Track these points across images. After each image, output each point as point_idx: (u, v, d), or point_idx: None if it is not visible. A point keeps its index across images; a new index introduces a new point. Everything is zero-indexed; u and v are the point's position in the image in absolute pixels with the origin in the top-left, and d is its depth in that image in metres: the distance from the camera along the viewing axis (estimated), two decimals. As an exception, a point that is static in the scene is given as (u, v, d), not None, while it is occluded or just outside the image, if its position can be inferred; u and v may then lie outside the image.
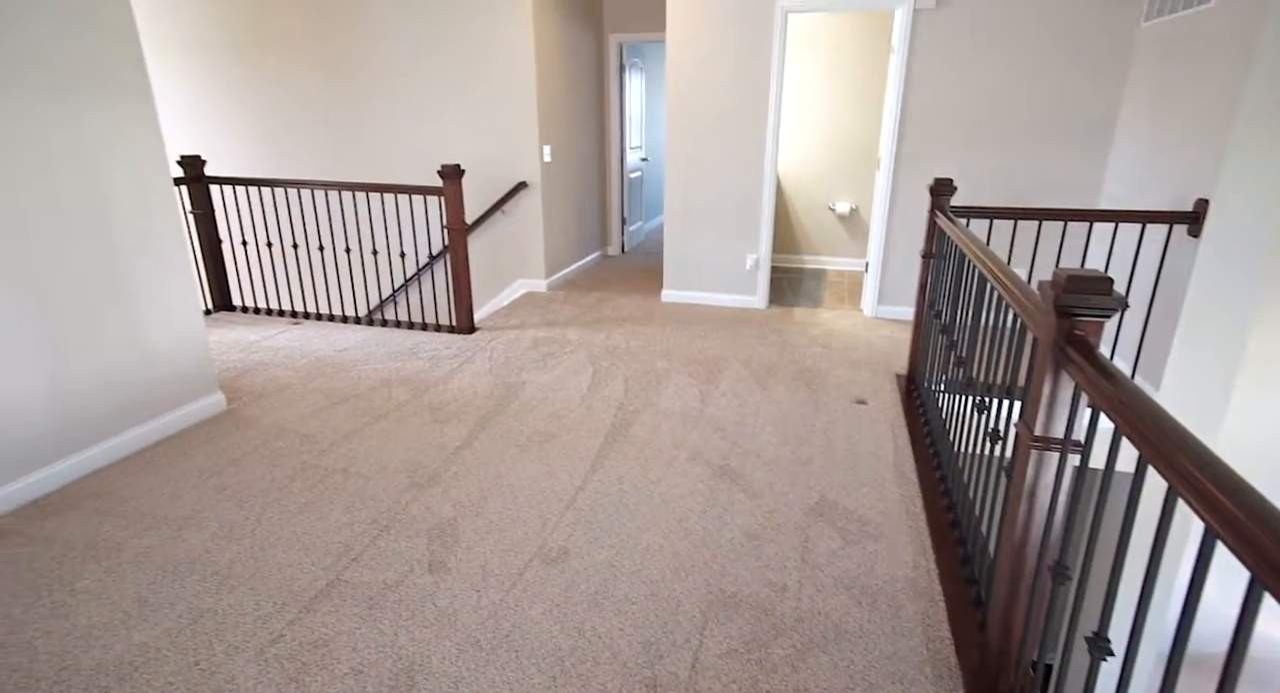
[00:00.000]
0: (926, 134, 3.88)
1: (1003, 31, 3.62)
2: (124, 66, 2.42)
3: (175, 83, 5.09)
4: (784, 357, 3.62)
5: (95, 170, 2.36)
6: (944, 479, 2.32)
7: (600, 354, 3.64)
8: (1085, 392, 1.16)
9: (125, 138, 2.45)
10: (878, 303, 4.28)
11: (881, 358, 3.61)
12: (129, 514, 2.17)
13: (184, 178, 3.94)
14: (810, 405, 3.02)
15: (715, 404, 3.02)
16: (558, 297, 4.80)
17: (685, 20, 4.04)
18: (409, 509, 2.20)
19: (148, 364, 2.62)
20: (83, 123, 2.30)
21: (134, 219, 2.51)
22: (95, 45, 2.32)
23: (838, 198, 5.51)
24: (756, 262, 4.40)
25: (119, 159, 2.44)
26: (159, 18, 4.95)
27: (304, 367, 3.42)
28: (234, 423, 2.82)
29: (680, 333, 4.00)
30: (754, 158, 4.18)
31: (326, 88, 4.87)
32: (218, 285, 4.24)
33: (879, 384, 3.26)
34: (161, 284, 2.64)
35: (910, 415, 2.90)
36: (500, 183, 4.68)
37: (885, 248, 4.16)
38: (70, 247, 2.30)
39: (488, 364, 3.49)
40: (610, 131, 5.84)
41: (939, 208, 2.90)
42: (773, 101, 4.03)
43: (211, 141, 5.13)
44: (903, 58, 3.77)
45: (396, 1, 4.53)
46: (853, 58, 5.12)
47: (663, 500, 2.26)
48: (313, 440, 2.67)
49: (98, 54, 2.33)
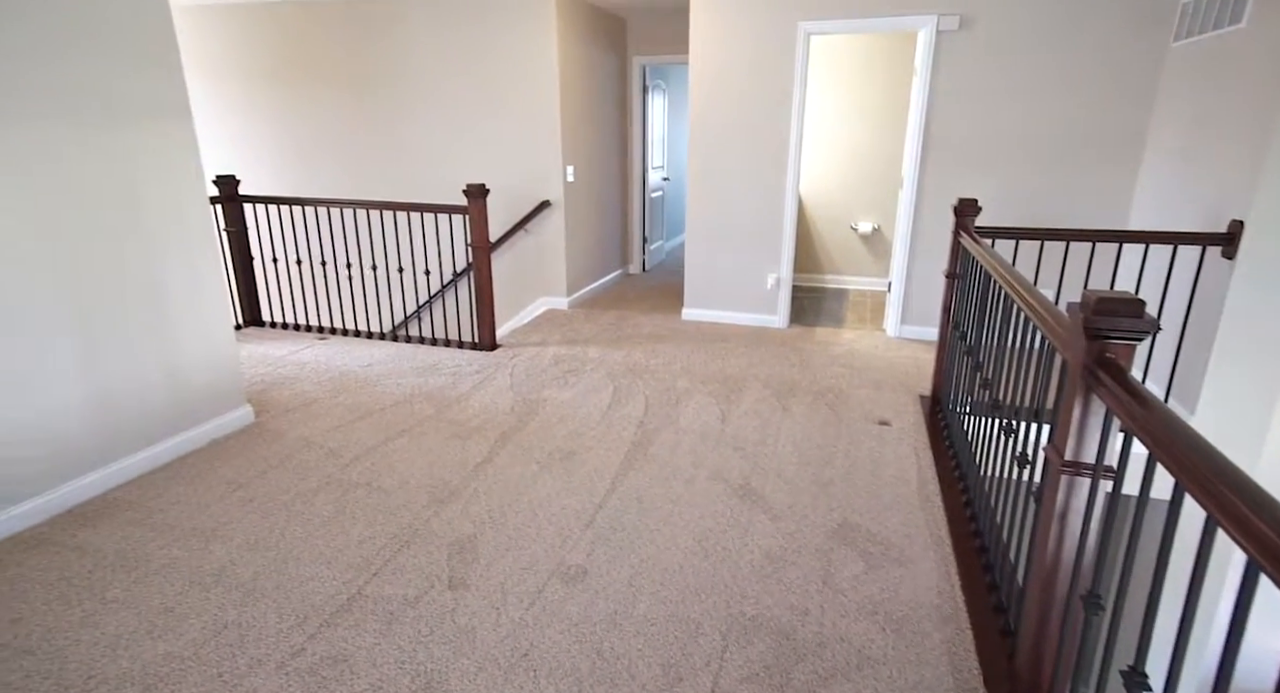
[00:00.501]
0: (950, 154, 3.87)
1: (1028, 52, 3.61)
2: (168, 95, 2.51)
3: (214, 106, 5.27)
4: (805, 376, 3.60)
5: (137, 191, 2.45)
6: (970, 503, 2.27)
7: (620, 372, 3.65)
8: (1117, 416, 1.14)
9: (166, 161, 2.54)
10: (901, 323, 4.24)
11: (904, 378, 3.57)
12: (158, 525, 2.21)
13: (219, 197, 4.06)
14: (832, 426, 2.98)
15: (735, 423, 3.01)
16: (579, 314, 4.83)
17: (708, 41, 4.09)
18: (430, 524, 2.21)
19: (181, 378, 2.68)
20: (127, 148, 2.39)
21: (171, 238, 2.59)
22: (142, 77, 2.41)
23: (860, 217, 5.50)
24: (778, 281, 4.39)
25: (160, 181, 2.52)
26: (200, 46, 5.14)
27: (329, 381, 3.47)
28: (261, 436, 2.87)
29: (701, 351, 4.00)
30: (776, 177, 4.19)
31: (355, 110, 5.01)
32: (248, 301, 4.33)
33: (902, 405, 3.22)
34: (196, 300, 2.71)
35: (934, 437, 2.86)
36: (524, 202, 4.75)
37: (908, 268, 4.13)
38: (111, 264, 2.38)
39: (509, 381, 3.51)
40: (632, 151, 5.91)
41: (963, 228, 2.88)
42: (795, 121, 4.05)
43: (245, 161, 5.29)
44: (925, 78, 3.77)
45: (424, 26, 4.66)
46: (875, 77, 5.14)
47: (682, 521, 2.24)
48: (337, 455, 2.70)
49: (144, 85, 2.42)
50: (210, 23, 5.07)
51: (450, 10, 4.57)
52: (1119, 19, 3.45)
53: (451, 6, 4.56)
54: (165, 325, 2.60)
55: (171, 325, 2.63)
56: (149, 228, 2.51)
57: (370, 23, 4.76)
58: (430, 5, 4.59)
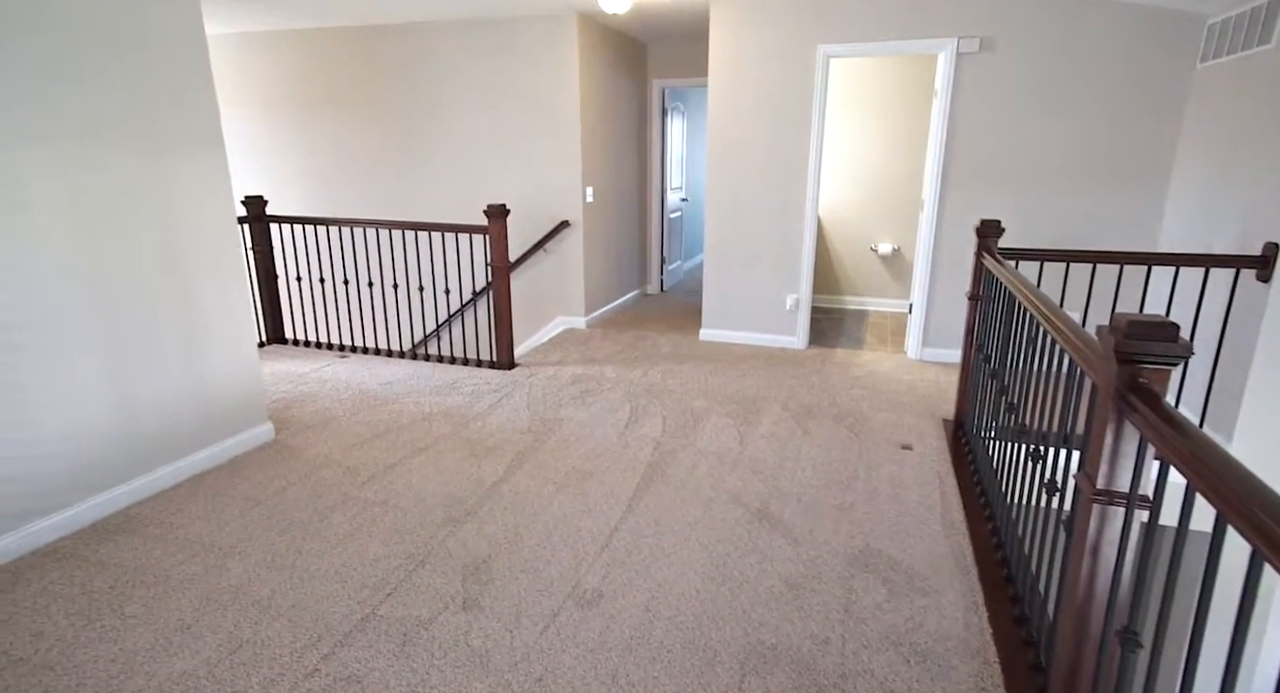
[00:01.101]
0: (972, 175, 3.85)
1: (1051, 74, 3.59)
2: (203, 124, 2.59)
3: (244, 129, 5.42)
4: (824, 398, 3.55)
5: (170, 214, 2.51)
6: (996, 531, 2.21)
7: (638, 392, 3.63)
8: (1152, 443, 1.10)
9: (199, 186, 2.60)
10: (922, 345, 4.18)
11: (926, 402, 3.51)
12: (178, 541, 2.22)
13: (247, 216, 4.15)
14: (852, 449, 2.94)
15: (754, 445, 2.97)
16: (596, 334, 4.84)
17: (727, 64, 4.13)
18: (445, 544, 2.20)
19: (205, 394, 2.71)
20: (162, 172, 2.46)
21: (201, 259, 2.64)
22: (179, 106, 2.49)
23: (880, 238, 5.47)
24: (797, 302, 4.37)
25: (192, 204, 2.58)
26: (233, 73, 5.31)
27: (349, 399, 3.50)
28: (281, 453, 2.89)
29: (718, 372, 3.98)
30: (795, 198, 4.19)
31: (378, 131, 5.12)
32: (272, 319, 4.40)
33: (924, 429, 3.16)
34: (222, 318, 2.76)
35: (958, 462, 2.80)
36: (543, 222, 4.80)
37: (930, 289, 4.09)
38: (143, 283, 2.44)
39: (526, 400, 3.51)
40: (651, 172, 5.95)
41: (986, 249, 2.84)
42: (814, 143, 4.06)
43: (273, 182, 5.42)
44: (946, 100, 3.77)
45: (447, 51, 4.77)
46: (895, 97, 5.14)
47: (700, 545, 2.21)
48: (354, 472, 2.71)
49: (181, 114, 2.50)
50: (241, 50, 5.24)
51: (473, 35, 4.67)
52: (1144, 40, 3.43)
53: (475, 31, 4.66)
54: (192, 344, 2.65)
55: (198, 344, 2.67)
56: (180, 249, 2.56)
57: (395, 48, 4.89)
58: (454, 30, 4.71)
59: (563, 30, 4.46)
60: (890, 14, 3.75)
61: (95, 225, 2.27)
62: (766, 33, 4.00)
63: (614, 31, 4.99)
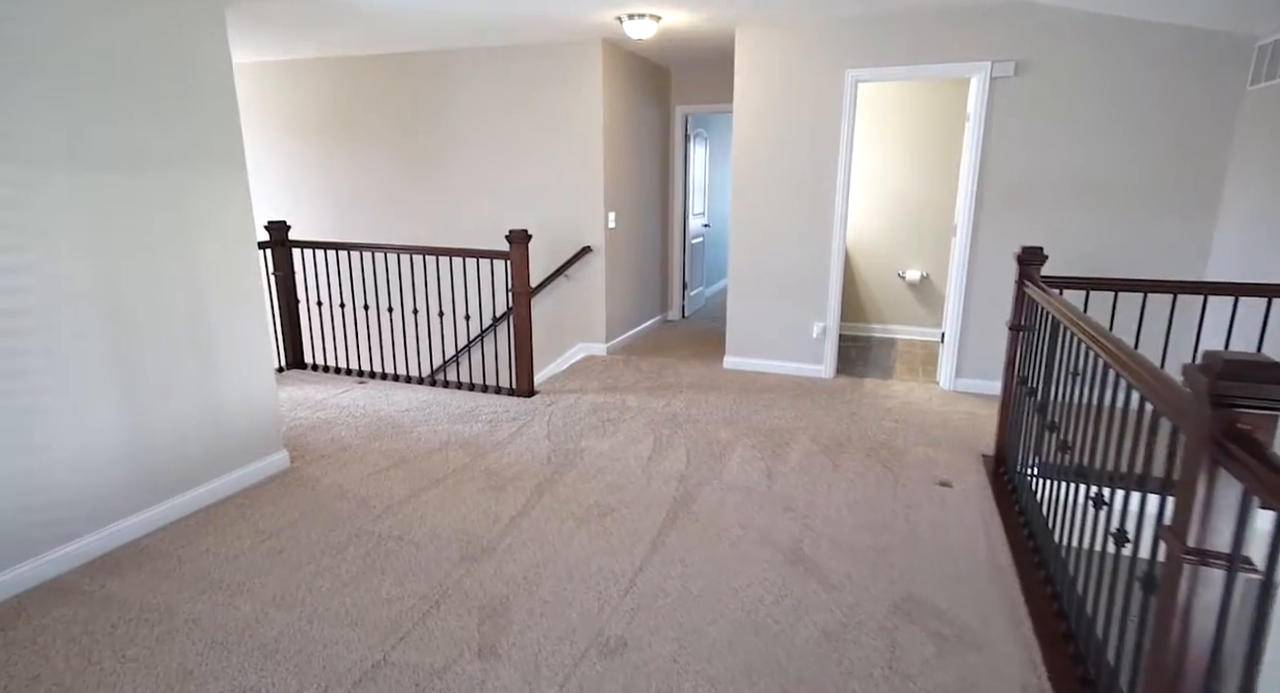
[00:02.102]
0: (1007, 201, 3.73)
1: (1090, 97, 3.49)
2: (226, 150, 2.58)
3: (269, 155, 5.49)
4: (855, 430, 3.41)
5: (190, 240, 2.48)
6: (1050, 580, 2.05)
7: (661, 422, 3.52)
8: (1258, 496, 0.97)
9: (220, 213, 2.58)
10: (955, 375, 4.03)
11: (963, 435, 3.35)
12: (186, 576, 2.14)
13: (269, 241, 4.16)
14: (888, 486, 2.79)
15: (783, 480, 2.84)
16: (618, 361, 4.75)
17: (753, 89, 4.09)
18: (461, 584, 2.09)
19: (220, 423, 2.66)
20: (184, 198, 2.44)
21: (220, 285, 2.61)
22: (204, 132, 2.48)
23: (907, 265, 5.35)
24: (824, 330, 4.25)
25: (212, 231, 2.56)
26: (258, 100, 5.40)
27: (366, 427, 3.43)
28: (295, 483, 2.82)
29: (744, 402, 3.85)
30: (822, 224, 4.10)
31: (401, 156, 5.14)
32: (292, 344, 4.38)
33: (963, 465, 3.00)
34: (240, 344, 2.71)
35: (1002, 502, 2.64)
36: (565, 247, 4.75)
37: (963, 318, 3.95)
38: (160, 309, 2.40)
39: (546, 429, 3.42)
40: (674, 198, 5.92)
41: (1028, 278, 2.72)
42: (842, 168, 3.98)
43: (296, 207, 5.46)
44: (979, 124, 3.67)
45: (470, 77, 4.79)
46: (923, 122, 5.07)
47: (730, 589, 2.07)
48: (369, 505, 2.62)
49: (205, 140, 2.49)
50: (268, 79, 5.33)
51: (497, 62, 4.70)
52: (1189, 62, 3.32)
53: (498, 58, 4.69)
54: (209, 371, 2.60)
55: (215, 371, 2.62)
56: (199, 275, 2.53)
57: (418, 76, 4.93)
58: (477, 58, 4.74)
59: (587, 56, 4.47)
60: (921, 38, 3.69)
61: (115, 252, 2.24)
62: (793, 58, 3.96)
63: (638, 57, 4.99)
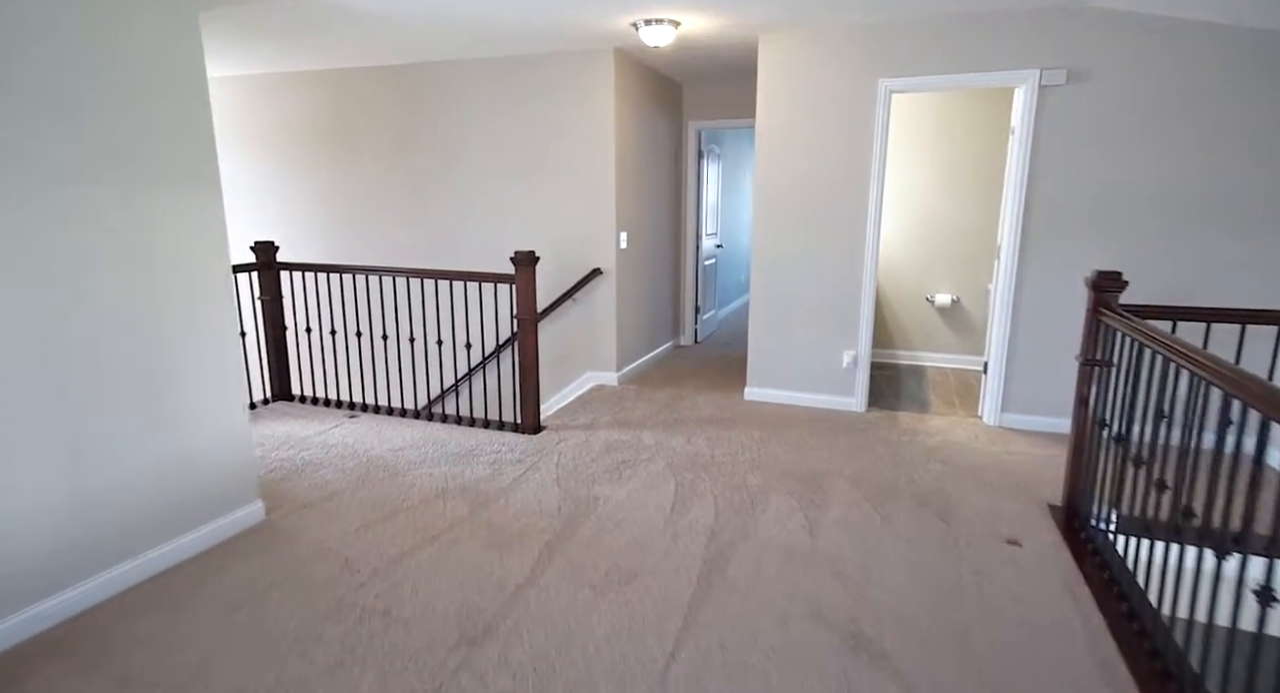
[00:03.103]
0: (1059, 221, 3.42)
1: (1153, 107, 3.20)
2: (196, 163, 2.27)
3: (258, 173, 5.21)
4: (899, 474, 3.06)
5: (153, 263, 2.16)
6: (1172, 675, 1.69)
7: (682, 463, 3.18)
8: None
9: (189, 232, 2.27)
10: (1001, 410, 3.69)
11: (1020, 481, 3.00)
12: (130, 669, 1.78)
13: (255, 264, 3.85)
14: (949, 545, 2.44)
15: (827, 537, 2.49)
16: (630, 392, 4.41)
17: (777, 99, 3.81)
18: (458, 678, 1.74)
19: (184, 474, 2.31)
20: (146, 217, 2.13)
21: (187, 314, 2.28)
22: (171, 143, 2.17)
23: (936, 288, 5.04)
24: (855, 359, 3.92)
25: (179, 252, 2.24)
26: (248, 115, 5.13)
27: (355, 469, 3.08)
28: (271, 539, 2.46)
29: (772, 440, 3.51)
30: (853, 245, 3.80)
31: (400, 174, 4.85)
32: (278, 374, 4.05)
33: (1029, 518, 2.65)
34: (208, 383, 2.38)
35: (1084, 564, 2.28)
36: (573, 269, 4.44)
37: (1009, 347, 3.62)
38: (114, 341, 2.07)
39: (555, 472, 3.07)
40: (686, 217, 5.63)
41: (1105, 306, 2.40)
42: (874, 186, 3.68)
43: (288, 228, 5.16)
44: (1026, 138, 3.38)
45: (475, 90, 4.52)
46: (950, 135, 4.79)
47: (783, 686, 1.72)
48: (354, 568, 2.27)
49: (173, 151, 2.18)
50: (258, 93, 5.06)
51: (502, 73, 4.43)
52: (1264, 68, 3.03)
53: (503, 69, 4.42)
54: (171, 413, 2.26)
55: (179, 413, 2.29)
56: (162, 303, 2.21)
57: (417, 89, 4.66)
58: (481, 69, 4.47)
59: (598, 67, 4.20)
60: (962, 44, 3.41)
61: (57, 280, 1.92)
62: (821, 66, 3.68)
63: (650, 70, 4.73)
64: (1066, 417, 3.61)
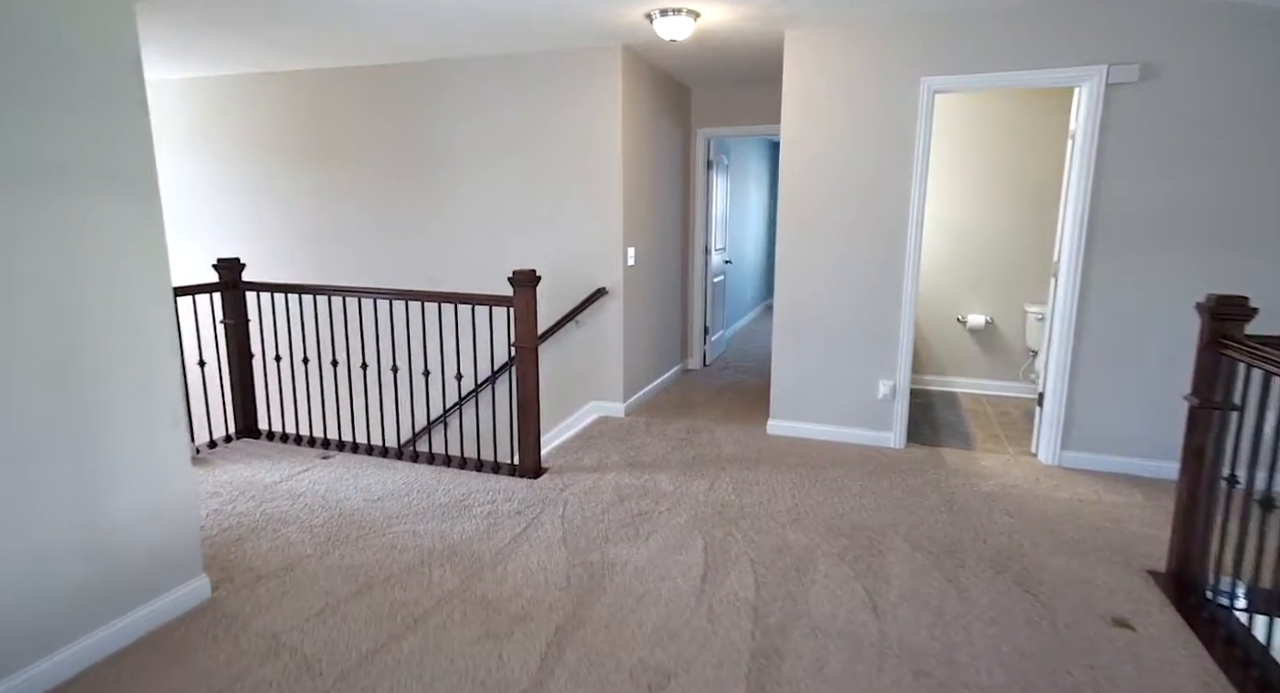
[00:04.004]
0: (1130, 236, 3.04)
1: (1242, 106, 2.83)
2: (130, 167, 1.83)
3: (228, 184, 4.76)
4: (961, 530, 2.64)
5: (71, 291, 1.71)
6: None
7: (708, 516, 2.74)
8: None
9: (118, 250, 1.83)
10: (1060, 447, 3.28)
11: (1105, 537, 2.58)
12: None
13: (218, 283, 3.40)
14: (1044, 628, 2.01)
15: (896, 618, 2.05)
16: (639, 425, 3.97)
17: (805, 100, 3.43)
18: None
19: (106, 549, 1.85)
20: (63, 231, 1.68)
21: (114, 352, 1.84)
22: (97, 143, 1.74)
23: (968, 308, 4.65)
24: (893, 389, 3.51)
25: (106, 275, 1.80)
26: (217, 118, 4.69)
27: (325, 526, 2.62)
28: (213, 627, 2.00)
29: (806, 484, 3.08)
30: (891, 262, 3.40)
31: (379, 184, 4.42)
32: (243, 407, 3.58)
33: (1129, 588, 2.23)
34: (138, 428, 1.92)
35: (1216, 654, 1.86)
36: (575, 289, 4.02)
37: (1069, 379, 3.22)
38: (15, 385, 1.62)
39: (561, 529, 2.62)
40: (694, 231, 5.23)
41: (1226, 336, 2.00)
42: (915, 196, 3.30)
43: (259, 244, 4.71)
44: (1090, 143, 3.01)
45: (469, 93, 4.11)
46: (986, 140, 4.42)
47: None
48: (313, 668, 1.81)
49: (98, 153, 1.75)
50: (224, 94, 4.63)
51: (497, 73, 4.03)
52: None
53: (499, 69, 4.02)
54: (91, 469, 1.81)
55: (102, 470, 1.83)
56: (80, 333, 1.76)
57: (406, 90, 4.25)
58: (475, 68, 4.07)
59: (604, 66, 3.81)
60: (1015, 38, 3.04)
61: (-78, 308, 1.47)
62: (856, 64, 3.31)
63: (658, 71, 4.35)
64: (1138, 456, 3.22)
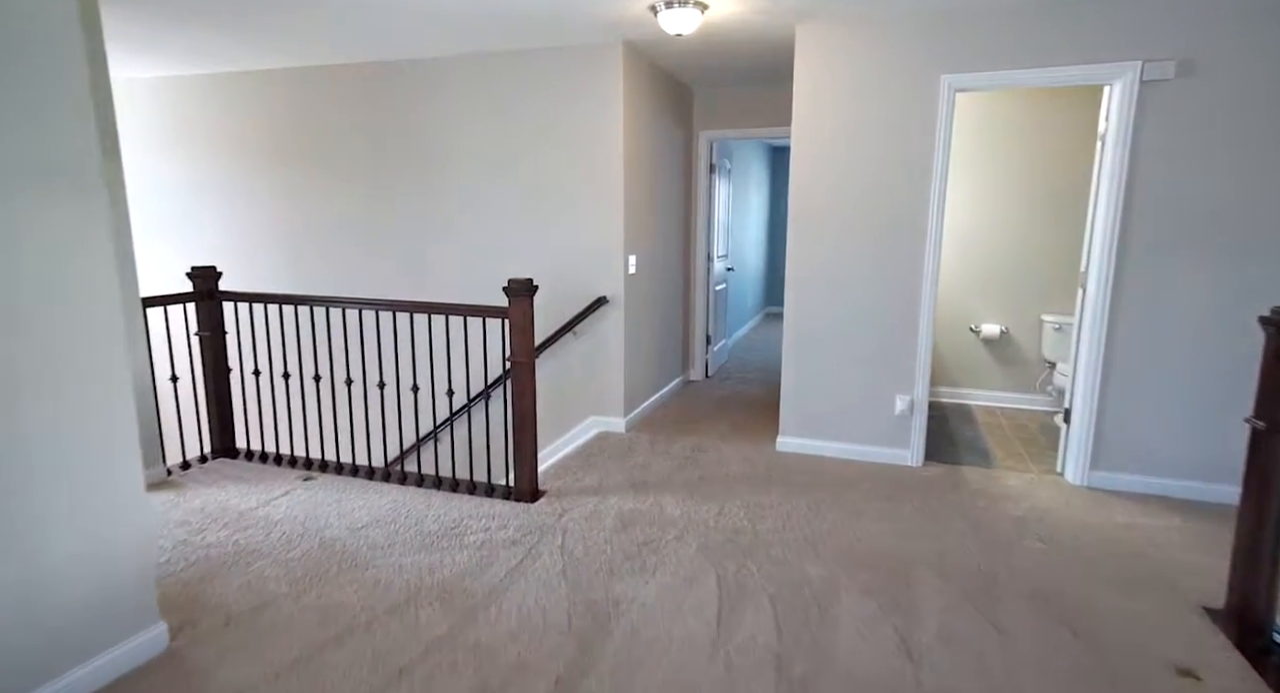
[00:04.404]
0: (1166, 243, 2.86)
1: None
2: (70, 161, 1.62)
3: (206, 188, 4.54)
4: (994, 560, 2.44)
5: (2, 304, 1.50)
6: None
7: (719, 545, 2.53)
8: None
9: (59, 257, 1.61)
10: (1089, 467, 3.10)
11: (1151, 567, 2.39)
12: None
13: (193, 293, 3.18)
14: (1098, 676, 1.81)
15: (933, 665, 1.85)
16: (641, 442, 3.76)
17: (818, 98, 3.24)
18: None
19: (43, 598, 1.63)
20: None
21: (55, 373, 1.62)
22: (28, 134, 1.53)
23: (982, 318, 4.47)
24: (911, 404, 3.32)
25: (44, 286, 1.58)
26: (195, 118, 4.48)
27: (302, 559, 2.40)
28: (171, 683, 1.77)
29: (822, 508, 2.88)
30: (908, 268, 3.22)
31: (365, 189, 4.21)
32: (220, 425, 3.35)
33: (1185, 629, 2.03)
34: (83, 457, 1.70)
35: (1296, 712, 1.67)
36: (573, 298, 3.82)
37: (1099, 395, 3.04)
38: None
39: (561, 562, 2.41)
40: (696, 238, 5.03)
41: (1296, 355, 1.82)
42: (934, 200, 3.12)
43: (240, 252, 4.49)
44: (1123, 144, 2.84)
45: (458, 89, 3.91)
46: (1001, 142, 4.25)
47: None
48: (281, 736, 1.59)
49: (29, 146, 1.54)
50: (202, 94, 4.42)
51: (492, 71, 3.83)
52: None
53: (494, 67, 3.82)
54: (28, 505, 1.58)
55: (36, 507, 1.61)
56: (15, 349, 1.54)
57: (393, 91, 4.04)
58: (468, 66, 3.87)
59: (605, 64, 3.61)
60: (1042, 33, 2.87)
61: None
62: (872, 60, 3.13)
63: (661, 70, 4.16)
64: (1172, 477, 3.01)
